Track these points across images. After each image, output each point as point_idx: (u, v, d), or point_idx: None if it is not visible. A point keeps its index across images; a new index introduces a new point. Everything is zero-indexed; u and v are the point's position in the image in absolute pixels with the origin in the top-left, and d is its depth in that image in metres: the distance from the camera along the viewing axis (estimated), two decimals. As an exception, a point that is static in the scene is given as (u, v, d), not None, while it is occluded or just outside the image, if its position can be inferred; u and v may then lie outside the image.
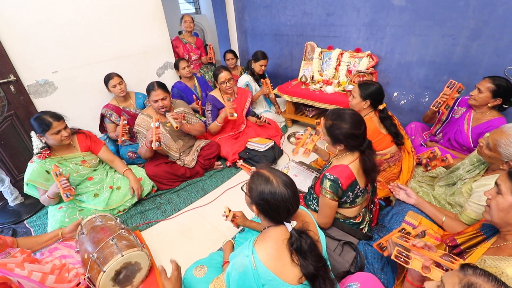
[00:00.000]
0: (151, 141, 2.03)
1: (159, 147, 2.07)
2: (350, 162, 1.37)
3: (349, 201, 1.41)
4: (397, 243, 1.07)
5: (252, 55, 3.28)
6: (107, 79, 2.53)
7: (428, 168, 1.70)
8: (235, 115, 2.50)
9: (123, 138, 2.49)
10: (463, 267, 0.73)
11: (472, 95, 1.92)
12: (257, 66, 3.23)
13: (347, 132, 1.32)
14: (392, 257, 1.04)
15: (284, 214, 0.98)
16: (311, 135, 1.78)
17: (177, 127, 2.15)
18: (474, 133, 1.95)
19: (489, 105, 1.87)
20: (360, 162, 1.37)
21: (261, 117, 2.93)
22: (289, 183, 0.99)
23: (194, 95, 3.17)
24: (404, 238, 1.07)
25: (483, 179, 1.40)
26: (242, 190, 1.10)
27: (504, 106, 1.88)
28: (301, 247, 0.95)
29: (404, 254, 1.01)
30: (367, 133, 1.75)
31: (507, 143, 1.24)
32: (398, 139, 1.91)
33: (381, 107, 1.89)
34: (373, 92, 1.85)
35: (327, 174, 1.36)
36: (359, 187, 1.39)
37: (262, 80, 3.20)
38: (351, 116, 1.35)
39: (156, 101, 2.18)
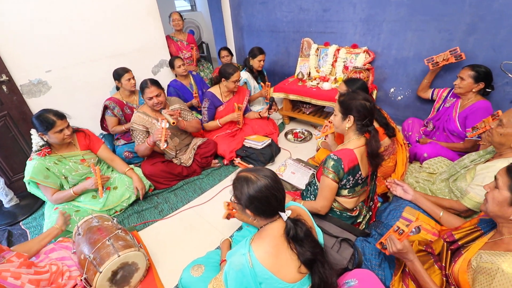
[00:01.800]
0: (158, 141, 2.03)
1: (168, 147, 2.08)
2: (355, 147, 1.40)
3: (349, 186, 1.42)
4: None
5: (249, 52, 3.26)
6: (123, 72, 2.54)
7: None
8: (240, 123, 2.67)
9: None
10: None
11: (456, 84, 2.06)
12: (256, 62, 3.20)
13: (360, 103, 1.36)
14: (376, 245, 1.12)
15: (274, 202, 1.00)
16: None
17: (173, 123, 2.14)
18: (461, 117, 2.07)
19: (473, 90, 2.01)
20: (366, 145, 1.40)
21: (272, 105, 2.84)
22: (268, 174, 1.01)
23: (193, 92, 3.14)
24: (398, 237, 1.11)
25: (487, 163, 1.41)
26: (231, 201, 1.11)
27: (487, 90, 2.01)
28: (297, 234, 0.98)
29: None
30: None
31: None
32: (389, 131, 1.93)
33: None
34: (359, 87, 1.88)
35: (331, 154, 1.39)
36: (361, 173, 1.41)
37: (262, 83, 3.17)
38: (362, 92, 1.44)
39: (151, 98, 2.16)
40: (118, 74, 2.55)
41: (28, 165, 1.81)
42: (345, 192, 1.45)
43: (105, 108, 2.58)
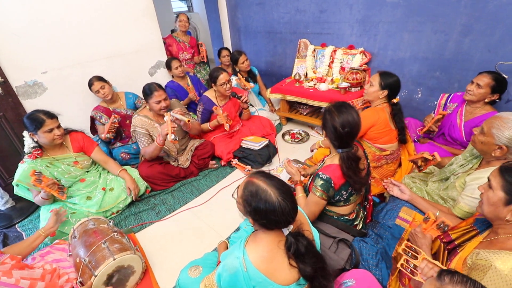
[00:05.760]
0: (166, 134, 1.98)
1: (176, 141, 2.03)
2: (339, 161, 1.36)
3: (343, 199, 1.41)
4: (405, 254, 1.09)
5: (231, 59, 3.30)
6: (89, 84, 2.47)
7: (421, 169, 1.73)
8: (228, 126, 2.55)
9: (107, 135, 2.43)
10: (440, 274, 0.72)
11: (470, 90, 1.87)
12: (241, 66, 3.23)
13: (333, 124, 1.28)
14: (398, 266, 1.07)
15: (283, 225, 0.95)
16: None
17: (189, 120, 2.16)
18: (467, 126, 1.93)
19: (486, 100, 1.86)
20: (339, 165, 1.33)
21: (244, 99, 2.73)
22: (288, 194, 0.93)
23: (187, 86, 3.15)
24: (412, 253, 1.08)
25: (476, 173, 1.40)
26: (233, 197, 1.06)
27: (495, 100, 1.88)
28: (298, 250, 0.94)
29: (412, 265, 1.05)
30: (378, 119, 1.77)
31: (500, 124, 1.25)
32: (402, 136, 1.91)
33: (395, 100, 1.86)
34: (392, 83, 1.81)
35: (320, 173, 1.36)
36: None
37: (236, 75, 3.14)
38: (349, 112, 1.28)
39: (159, 101, 2.15)
40: (88, 85, 2.48)
41: (18, 168, 1.79)
42: (341, 203, 1.45)
43: (92, 119, 2.55)
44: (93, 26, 2.57)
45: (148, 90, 2.16)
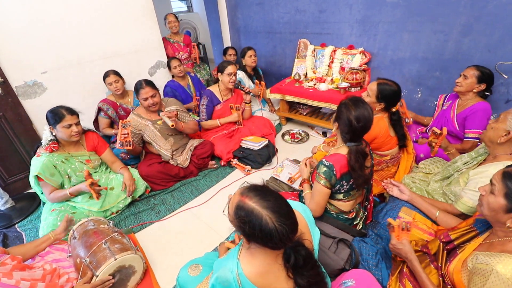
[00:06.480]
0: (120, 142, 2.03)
1: (129, 147, 2.06)
2: (347, 153, 1.38)
3: (343, 191, 1.41)
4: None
5: (240, 53, 3.33)
6: (105, 76, 2.55)
7: (433, 146, 1.75)
8: (241, 123, 2.56)
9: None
10: None
11: (458, 82, 2.00)
12: (248, 60, 3.26)
13: (348, 117, 1.31)
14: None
15: (281, 248, 0.89)
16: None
17: (172, 125, 2.14)
18: (460, 117, 2.02)
19: (474, 90, 1.96)
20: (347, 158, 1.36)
21: (246, 89, 2.76)
22: (286, 215, 0.84)
23: (193, 95, 3.18)
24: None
25: (480, 167, 1.40)
26: (224, 214, 1.03)
27: (486, 93, 1.97)
28: (297, 262, 0.91)
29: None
30: (380, 131, 1.75)
31: None
32: (402, 142, 1.90)
33: (394, 109, 1.82)
34: (390, 96, 1.76)
35: (323, 160, 1.38)
36: None
37: (256, 81, 3.19)
38: (365, 107, 1.32)
39: (146, 99, 2.16)
40: (103, 77, 2.56)
41: (35, 161, 1.80)
42: (340, 196, 1.44)
43: (99, 109, 2.58)
44: (93, 26, 2.57)
45: (138, 87, 2.17)
